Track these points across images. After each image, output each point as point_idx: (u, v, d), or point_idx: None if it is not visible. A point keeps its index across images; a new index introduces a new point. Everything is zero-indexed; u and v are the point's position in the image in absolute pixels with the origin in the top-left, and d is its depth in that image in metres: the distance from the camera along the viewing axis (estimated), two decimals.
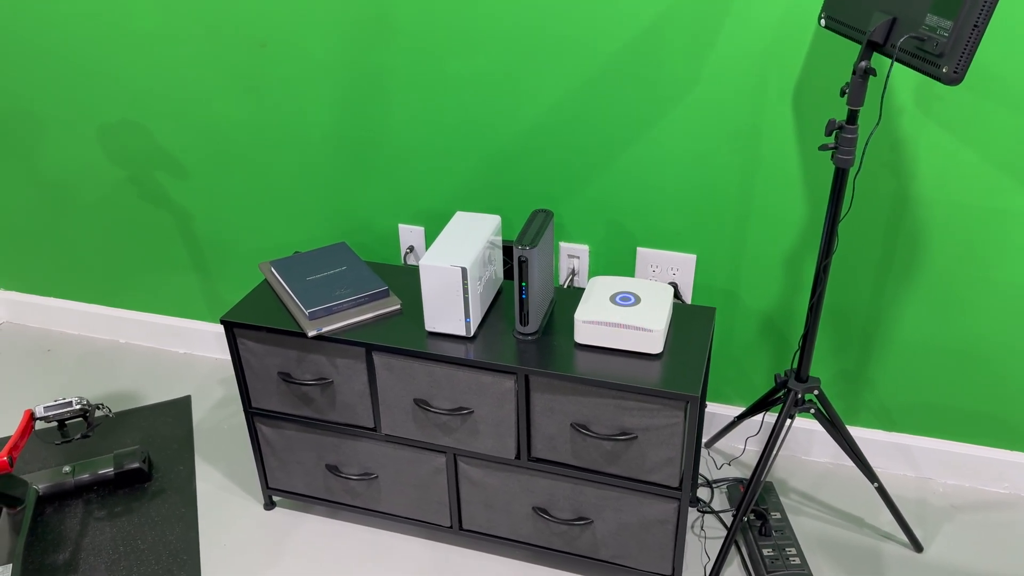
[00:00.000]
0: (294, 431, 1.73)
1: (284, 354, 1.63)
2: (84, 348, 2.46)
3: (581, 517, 1.60)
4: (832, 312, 1.79)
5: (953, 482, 1.89)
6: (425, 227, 1.98)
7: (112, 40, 1.97)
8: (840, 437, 1.64)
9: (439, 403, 1.56)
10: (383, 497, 1.74)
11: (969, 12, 1.07)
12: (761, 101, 1.61)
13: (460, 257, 1.49)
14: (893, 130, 1.57)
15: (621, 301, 1.52)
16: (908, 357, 1.79)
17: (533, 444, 1.56)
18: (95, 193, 2.23)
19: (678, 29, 1.59)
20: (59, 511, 1.88)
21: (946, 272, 1.67)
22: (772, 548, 1.68)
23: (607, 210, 1.82)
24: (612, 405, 1.45)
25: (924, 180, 1.60)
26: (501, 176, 1.86)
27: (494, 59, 1.72)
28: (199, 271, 2.28)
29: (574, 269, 1.91)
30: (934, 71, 1.13)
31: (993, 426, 1.82)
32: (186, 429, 2.13)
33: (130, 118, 2.07)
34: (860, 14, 1.28)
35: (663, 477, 1.49)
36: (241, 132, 2.00)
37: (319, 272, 1.70)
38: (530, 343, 1.53)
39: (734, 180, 1.70)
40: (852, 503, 1.84)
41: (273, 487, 1.84)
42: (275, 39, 1.85)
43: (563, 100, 1.73)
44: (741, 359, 1.91)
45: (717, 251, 1.79)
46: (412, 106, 1.83)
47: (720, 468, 1.94)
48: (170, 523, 1.84)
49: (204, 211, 2.16)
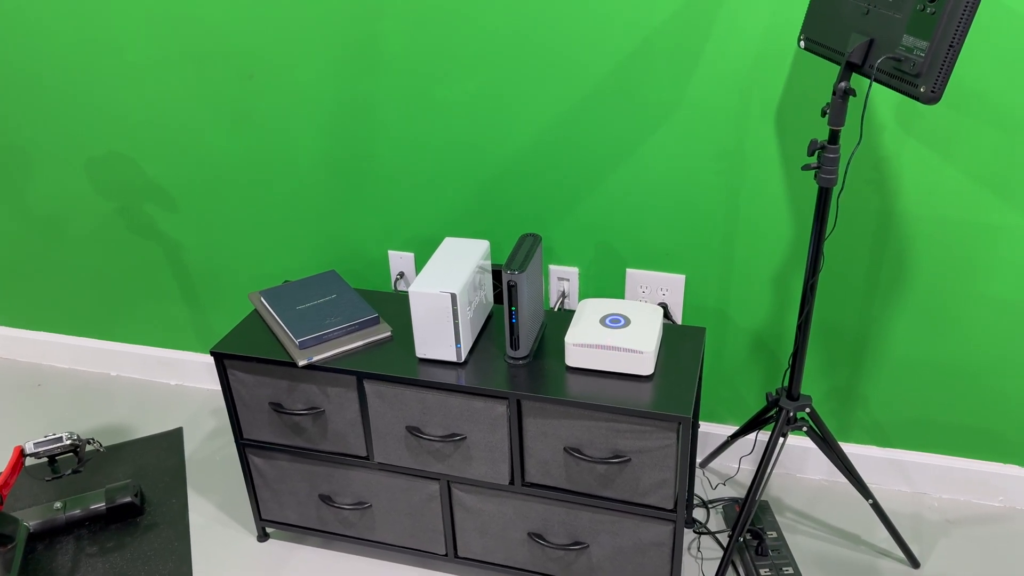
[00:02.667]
0: (286, 461, 1.72)
1: (275, 384, 1.63)
2: (75, 382, 2.44)
3: (577, 542, 1.59)
4: (822, 329, 1.80)
5: (948, 496, 1.89)
6: (415, 253, 1.98)
7: (101, 72, 1.98)
8: (833, 454, 1.64)
9: (431, 430, 1.56)
10: (377, 526, 1.73)
11: (944, 33, 1.09)
12: (744, 122, 1.63)
13: (450, 283, 1.49)
14: (876, 148, 1.59)
15: (611, 323, 1.53)
16: (899, 372, 1.80)
17: (527, 469, 1.55)
18: (84, 226, 2.23)
19: (662, 53, 1.61)
20: (50, 548, 1.86)
21: (934, 287, 1.69)
22: (769, 568, 1.68)
23: (596, 232, 1.83)
24: (605, 428, 1.45)
25: (908, 196, 1.62)
26: (490, 201, 1.87)
27: (482, 84, 1.74)
28: (189, 302, 2.27)
29: (564, 292, 1.91)
30: (912, 91, 1.15)
31: (986, 440, 1.82)
32: (178, 461, 2.11)
33: (119, 150, 2.07)
34: (838, 36, 1.30)
35: (658, 499, 1.48)
36: (230, 162, 2.01)
37: (309, 301, 1.70)
38: (521, 367, 1.53)
39: (720, 200, 1.71)
40: (848, 520, 1.84)
41: (266, 518, 1.82)
42: (263, 69, 1.86)
43: (551, 124, 1.74)
44: (733, 378, 1.91)
45: (706, 271, 1.80)
46: (400, 132, 1.84)
47: (716, 488, 1.94)
48: (163, 557, 1.82)
49: (194, 242, 2.16)
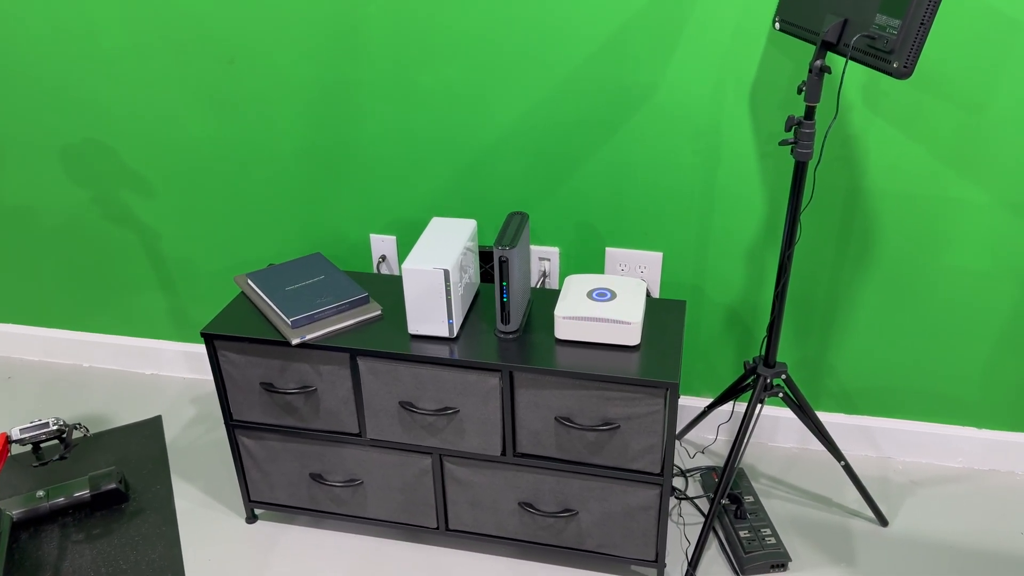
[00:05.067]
0: (277, 441, 1.74)
1: (267, 364, 1.64)
2: (47, 374, 2.41)
3: (567, 509, 1.64)
4: (793, 302, 1.88)
5: (911, 459, 2.00)
6: (397, 236, 2.01)
7: (77, 58, 1.96)
8: (807, 419, 1.72)
9: (425, 404, 1.60)
10: (368, 503, 1.76)
11: (916, 11, 1.17)
12: (720, 103, 1.69)
13: (442, 259, 1.53)
14: (844, 126, 1.67)
15: (598, 297, 1.58)
16: (865, 342, 1.89)
17: (518, 440, 1.60)
18: (57, 216, 2.21)
19: (640, 37, 1.66)
20: (35, 537, 1.85)
21: (899, 258, 1.78)
22: (748, 530, 1.75)
23: (576, 213, 1.88)
24: (595, 397, 1.50)
25: (875, 172, 1.70)
26: (471, 184, 1.91)
27: (461, 70, 1.78)
28: (166, 290, 2.26)
29: (545, 271, 1.96)
30: (885, 66, 1.22)
31: (946, 404, 1.93)
32: (159, 449, 2.11)
33: (94, 137, 2.06)
34: (813, 16, 1.37)
35: (646, 464, 1.54)
36: (209, 148, 2.01)
37: (297, 282, 1.72)
38: (512, 341, 1.58)
39: (697, 179, 1.78)
40: (819, 484, 1.93)
41: (255, 499, 1.84)
42: (243, 54, 1.87)
43: (530, 108, 1.79)
44: (708, 352, 1.98)
45: (682, 248, 1.86)
46: (382, 117, 1.87)
47: (693, 457, 2.01)
48: (151, 542, 1.83)
49: (171, 229, 2.16)
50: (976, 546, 1.76)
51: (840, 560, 1.73)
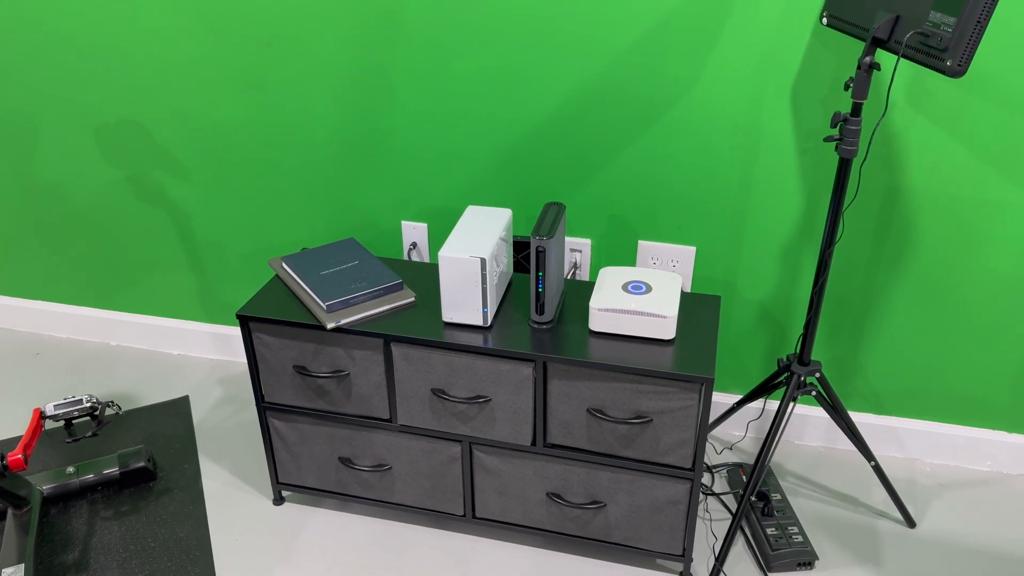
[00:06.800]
0: (307, 424, 1.75)
1: (300, 347, 1.65)
2: (75, 351, 2.43)
3: (595, 501, 1.65)
4: (827, 300, 1.87)
5: (939, 461, 1.99)
6: (428, 224, 2.01)
7: (114, 39, 1.97)
8: (839, 418, 1.71)
9: (456, 392, 1.60)
10: (396, 488, 1.77)
11: (973, 8, 1.15)
12: (760, 98, 1.68)
13: (478, 248, 1.53)
14: (886, 124, 1.65)
15: (633, 289, 1.58)
16: (897, 343, 1.88)
17: (549, 430, 1.60)
18: (90, 195, 2.22)
19: (681, 29, 1.65)
20: (64, 512, 1.87)
21: (935, 260, 1.76)
22: (775, 527, 1.75)
23: (609, 205, 1.87)
24: (628, 389, 1.50)
25: (915, 172, 1.69)
26: (504, 173, 1.90)
27: (499, 57, 1.77)
28: (195, 271, 2.28)
29: (576, 263, 1.96)
30: (938, 64, 1.21)
31: (976, 407, 1.91)
32: (187, 429, 2.12)
33: (130, 118, 2.07)
34: (863, 12, 1.36)
35: (677, 459, 1.54)
36: (244, 131, 2.02)
37: (332, 267, 1.72)
38: (546, 331, 1.57)
39: (734, 174, 1.77)
40: (846, 484, 1.92)
41: (283, 482, 1.85)
42: (281, 37, 1.87)
43: (567, 98, 1.78)
44: (738, 348, 1.97)
45: (716, 243, 1.86)
46: (417, 104, 1.87)
47: (720, 453, 2.01)
48: (179, 520, 1.84)
49: (203, 211, 2.17)
50: (1004, 551, 1.75)
51: (867, 560, 1.72)
